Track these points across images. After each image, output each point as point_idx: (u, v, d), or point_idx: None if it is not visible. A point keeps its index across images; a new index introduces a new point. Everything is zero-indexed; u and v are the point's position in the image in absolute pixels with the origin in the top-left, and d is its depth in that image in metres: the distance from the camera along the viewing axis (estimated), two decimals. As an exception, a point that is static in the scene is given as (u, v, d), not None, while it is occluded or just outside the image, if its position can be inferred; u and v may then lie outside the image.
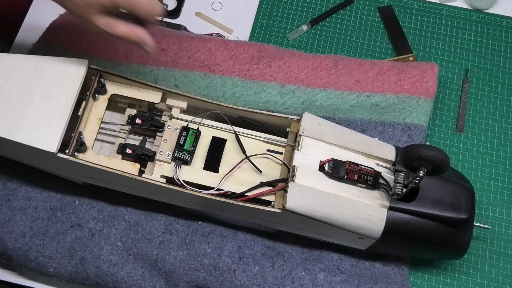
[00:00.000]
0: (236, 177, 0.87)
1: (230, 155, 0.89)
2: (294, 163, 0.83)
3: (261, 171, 0.87)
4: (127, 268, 0.90)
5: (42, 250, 0.91)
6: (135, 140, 0.91)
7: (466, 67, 1.11)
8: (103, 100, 0.89)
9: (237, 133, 0.89)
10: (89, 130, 0.88)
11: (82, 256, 0.90)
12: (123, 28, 0.77)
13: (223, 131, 0.90)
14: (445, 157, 0.75)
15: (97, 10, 0.75)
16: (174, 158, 0.86)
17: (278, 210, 0.81)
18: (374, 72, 1.03)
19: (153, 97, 0.89)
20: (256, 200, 0.85)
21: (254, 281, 0.88)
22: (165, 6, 1.15)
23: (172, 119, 0.90)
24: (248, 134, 0.90)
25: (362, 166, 0.85)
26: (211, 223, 0.93)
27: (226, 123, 0.90)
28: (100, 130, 0.89)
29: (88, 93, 0.87)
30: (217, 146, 0.89)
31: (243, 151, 0.88)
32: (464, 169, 1.03)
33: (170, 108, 0.91)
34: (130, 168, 0.86)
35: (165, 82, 1.02)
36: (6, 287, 0.97)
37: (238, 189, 0.86)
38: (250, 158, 0.88)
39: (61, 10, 1.07)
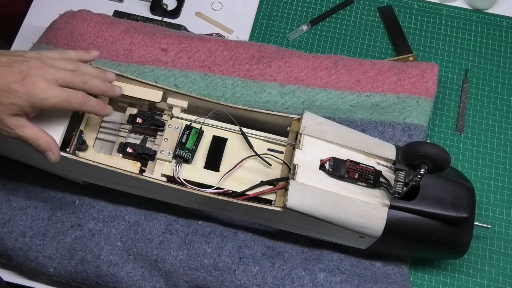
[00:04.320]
0: (237, 176, 0.87)
1: (230, 154, 0.89)
2: (294, 161, 0.83)
3: (270, 165, 0.88)
4: (127, 268, 0.90)
5: (42, 250, 0.91)
6: (135, 139, 0.91)
7: (466, 67, 1.11)
8: (104, 99, 0.89)
9: (243, 130, 0.89)
10: (90, 129, 0.88)
11: (82, 256, 0.90)
12: (30, 131, 0.75)
13: (224, 130, 0.90)
14: (446, 154, 0.75)
15: (12, 111, 0.73)
16: (175, 156, 0.86)
17: (279, 209, 0.81)
18: (374, 72, 1.03)
19: (154, 96, 0.89)
20: (256, 199, 0.85)
21: (254, 281, 0.87)
22: (165, 6, 1.15)
23: (173, 118, 0.90)
24: (249, 133, 0.90)
25: (363, 165, 0.85)
26: (211, 223, 0.93)
27: (228, 122, 0.90)
28: (101, 129, 0.89)
29: (88, 92, 0.87)
30: (218, 145, 0.89)
31: (251, 147, 0.88)
32: (464, 169, 1.03)
33: (170, 107, 0.91)
34: (131, 166, 0.86)
35: (165, 82, 1.02)
36: (6, 287, 0.97)
37: (239, 188, 0.86)
38: (252, 156, 0.88)
39: (61, 10, 1.08)
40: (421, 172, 0.76)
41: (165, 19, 1.15)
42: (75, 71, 0.77)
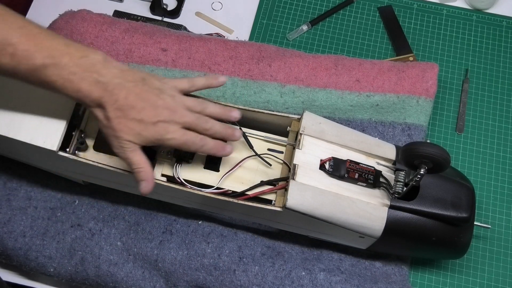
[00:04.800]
0: (237, 176, 0.87)
1: (231, 154, 0.88)
2: (294, 161, 0.83)
3: (270, 164, 0.88)
4: (127, 268, 0.90)
5: (42, 250, 0.91)
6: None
7: (466, 67, 1.11)
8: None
9: (243, 131, 0.89)
10: (90, 129, 0.88)
11: (82, 256, 0.90)
12: (138, 157, 0.78)
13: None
14: (446, 154, 0.75)
15: (135, 138, 0.77)
16: (175, 156, 0.86)
17: (278, 209, 0.81)
18: (374, 72, 1.03)
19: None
20: (256, 199, 0.85)
21: (254, 281, 0.87)
22: (165, 6, 1.15)
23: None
24: (249, 133, 0.89)
25: (363, 165, 0.85)
26: (211, 223, 0.93)
27: (228, 122, 0.90)
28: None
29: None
30: (218, 145, 0.89)
31: (251, 147, 0.88)
32: (464, 169, 1.03)
33: (170, 107, 0.91)
34: (131, 167, 0.86)
35: (165, 82, 1.02)
36: (6, 287, 0.97)
37: (239, 188, 0.85)
38: (252, 156, 0.88)
39: (61, 10, 1.08)
40: (421, 172, 0.76)
41: (165, 19, 1.16)
42: (200, 117, 0.80)
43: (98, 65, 0.75)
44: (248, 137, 0.89)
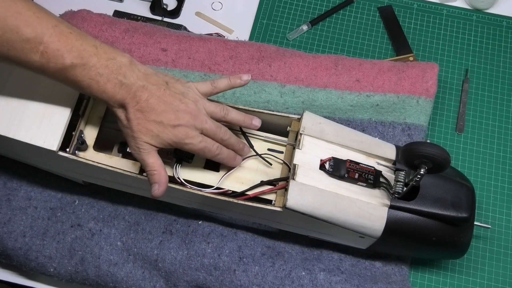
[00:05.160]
0: (237, 176, 0.87)
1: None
2: (294, 161, 0.83)
3: (271, 164, 0.88)
4: (127, 268, 0.90)
5: (42, 250, 0.91)
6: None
7: (466, 67, 1.11)
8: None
9: (243, 130, 0.89)
10: (90, 129, 0.88)
11: (82, 256, 0.90)
12: (153, 160, 0.79)
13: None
14: (446, 154, 0.75)
15: (153, 140, 0.78)
16: (175, 156, 0.86)
17: (279, 209, 0.81)
18: (374, 72, 1.03)
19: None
20: (256, 199, 0.85)
21: (254, 281, 0.87)
22: (165, 6, 1.15)
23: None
24: (249, 133, 0.90)
25: (363, 165, 0.85)
26: (211, 223, 0.93)
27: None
28: (101, 129, 0.89)
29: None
30: (217, 145, 0.89)
31: (251, 147, 0.88)
32: (464, 169, 1.03)
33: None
34: (131, 166, 0.86)
35: (165, 82, 1.02)
36: (6, 287, 0.97)
37: (239, 188, 0.86)
38: (252, 156, 0.88)
39: (61, 10, 1.08)
40: (421, 172, 0.76)
41: (165, 19, 1.15)
42: (220, 127, 0.82)
43: (123, 68, 0.77)
44: (248, 137, 0.89)
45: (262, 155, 0.88)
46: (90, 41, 0.76)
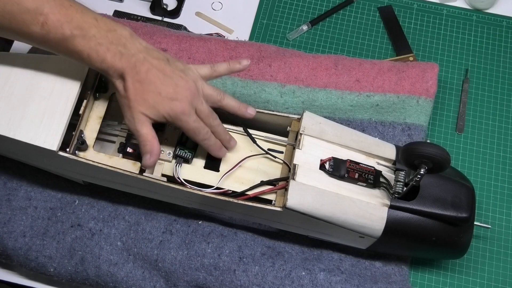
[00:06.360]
0: (237, 176, 0.87)
1: (230, 154, 0.88)
2: (294, 161, 0.83)
3: (275, 157, 0.88)
4: (127, 268, 0.90)
5: (42, 250, 0.91)
6: (136, 139, 0.91)
7: (466, 67, 1.11)
8: (104, 99, 0.89)
9: (247, 130, 0.89)
10: (90, 129, 0.88)
11: (82, 256, 0.90)
12: (146, 131, 0.80)
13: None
14: (446, 154, 0.75)
15: (148, 111, 0.79)
16: (175, 156, 0.86)
17: (278, 209, 0.81)
18: (374, 72, 1.03)
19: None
20: (256, 199, 0.85)
21: (254, 281, 0.87)
22: (165, 6, 1.15)
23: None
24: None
25: (363, 165, 0.85)
26: (211, 223, 0.93)
27: (228, 122, 0.90)
28: (101, 129, 0.89)
29: (89, 92, 0.87)
30: (218, 145, 0.89)
31: (254, 141, 0.88)
32: (464, 169, 1.03)
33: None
34: (131, 166, 0.86)
35: (166, 82, 1.02)
36: (6, 287, 0.97)
37: (239, 188, 0.86)
38: (252, 155, 0.88)
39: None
40: (421, 172, 0.76)
41: (165, 19, 1.16)
42: (212, 112, 0.83)
43: (123, 39, 0.78)
44: (248, 136, 0.89)
45: (262, 155, 0.88)
46: (91, 14, 0.78)
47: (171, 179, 0.86)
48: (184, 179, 0.85)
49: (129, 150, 0.87)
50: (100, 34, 0.76)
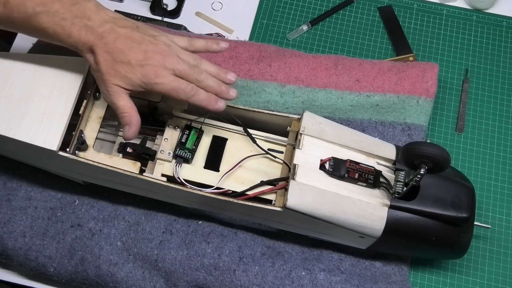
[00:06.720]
0: (237, 176, 0.87)
1: (230, 154, 0.89)
2: (294, 161, 0.83)
3: (275, 157, 0.88)
4: (127, 268, 0.90)
5: (42, 250, 0.91)
6: (135, 139, 0.91)
7: (466, 67, 1.11)
8: (104, 99, 0.89)
9: (247, 130, 0.89)
10: (90, 129, 0.88)
11: (82, 256, 0.90)
12: (124, 102, 0.78)
13: (224, 130, 0.90)
14: (446, 154, 0.75)
15: (122, 81, 0.77)
16: (175, 156, 0.86)
17: (279, 209, 0.81)
18: (374, 72, 1.03)
19: (154, 96, 0.89)
20: (256, 199, 0.85)
21: (254, 281, 0.87)
22: (165, 6, 1.15)
23: (173, 118, 0.90)
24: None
25: (363, 165, 0.85)
26: (211, 223, 0.93)
27: (228, 122, 0.90)
28: (101, 129, 0.89)
29: (89, 92, 0.87)
30: (218, 145, 0.89)
31: (254, 141, 0.88)
32: (464, 169, 1.03)
33: (171, 107, 0.91)
34: (131, 166, 0.86)
35: (166, 82, 1.02)
36: (6, 287, 0.97)
37: (239, 188, 0.85)
38: (252, 155, 0.88)
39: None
40: (421, 172, 0.76)
41: (165, 19, 1.15)
42: (194, 67, 0.80)
43: (88, 11, 0.77)
44: (248, 136, 0.89)
45: (261, 155, 0.88)
46: None
47: (171, 179, 0.86)
48: (184, 179, 0.85)
49: (129, 150, 0.87)
50: (64, 8, 0.75)
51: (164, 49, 0.78)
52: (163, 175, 0.86)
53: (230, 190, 0.85)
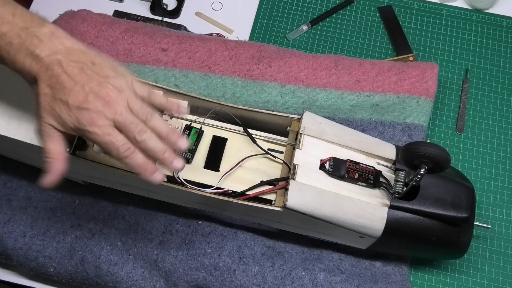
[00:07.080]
0: (237, 176, 0.87)
1: (230, 154, 0.88)
2: (294, 161, 0.83)
3: (275, 157, 0.88)
4: (127, 268, 0.90)
5: (42, 250, 0.91)
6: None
7: (466, 67, 1.11)
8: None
9: (247, 130, 0.89)
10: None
11: (82, 256, 0.90)
12: (51, 146, 0.71)
13: (224, 130, 0.90)
14: (446, 154, 0.75)
15: (55, 120, 0.70)
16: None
17: (278, 209, 0.81)
18: (374, 72, 1.03)
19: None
20: (256, 199, 0.85)
21: (254, 281, 0.87)
22: (165, 6, 1.15)
23: (173, 118, 0.90)
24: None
25: (363, 165, 0.85)
26: (211, 223, 0.93)
27: (228, 122, 0.90)
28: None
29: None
30: (218, 145, 0.89)
31: (254, 141, 0.88)
32: (464, 169, 1.03)
33: (170, 107, 0.91)
34: (131, 166, 0.86)
35: (165, 82, 1.02)
36: (6, 287, 0.97)
37: (239, 188, 0.85)
38: (252, 155, 0.88)
39: (61, 10, 1.08)
40: (421, 172, 0.76)
41: (165, 19, 1.16)
42: (138, 123, 0.70)
43: (38, 39, 0.69)
44: (248, 136, 0.89)
45: (261, 155, 0.88)
46: (11, 8, 0.70)
47: (171, 179, 0.86)
48: (184, 179, 0.85)
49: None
50: (12, 32, 0.68)
51: (110, 95, 0.69)
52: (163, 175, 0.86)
53: (230, 190, 0.85)
